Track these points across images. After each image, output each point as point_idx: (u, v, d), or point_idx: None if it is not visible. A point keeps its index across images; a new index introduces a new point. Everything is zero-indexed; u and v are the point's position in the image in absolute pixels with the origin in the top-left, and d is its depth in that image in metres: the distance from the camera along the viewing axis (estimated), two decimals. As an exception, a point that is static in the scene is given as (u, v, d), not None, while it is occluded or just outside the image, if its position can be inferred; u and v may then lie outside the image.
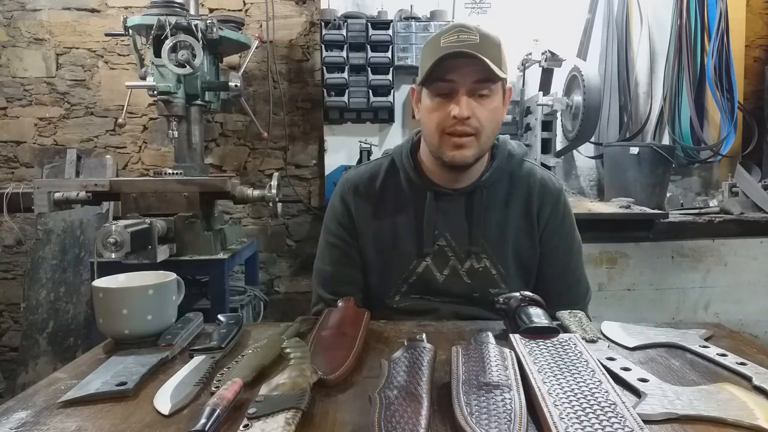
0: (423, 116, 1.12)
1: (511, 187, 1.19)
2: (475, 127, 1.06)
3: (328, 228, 1.24)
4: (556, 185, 1.22)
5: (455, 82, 1.04)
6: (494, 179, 1.17)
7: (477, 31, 1.04)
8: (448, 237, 1.16)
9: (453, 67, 1.03)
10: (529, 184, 1.20)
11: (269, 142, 2.79)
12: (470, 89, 1.05)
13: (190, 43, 2.07)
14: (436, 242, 1.16)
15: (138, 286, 0.94)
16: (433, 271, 1.16)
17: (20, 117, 2.81)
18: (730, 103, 2.58)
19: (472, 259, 1.16)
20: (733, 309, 2.22)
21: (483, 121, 1.07)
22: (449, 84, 1.05)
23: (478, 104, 1.06)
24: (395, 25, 2.41)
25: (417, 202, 1.17)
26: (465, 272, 1.16)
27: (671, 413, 0.62)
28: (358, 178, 1.24)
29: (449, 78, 1.04)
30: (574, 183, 2.80)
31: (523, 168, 1.22)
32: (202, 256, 1.91)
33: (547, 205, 1.19)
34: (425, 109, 1.10)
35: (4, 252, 2.86)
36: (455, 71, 1.04)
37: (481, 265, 1.16)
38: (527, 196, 1.19)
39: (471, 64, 1.02)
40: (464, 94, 1.04)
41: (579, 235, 1.25)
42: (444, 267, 1.16)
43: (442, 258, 1.16)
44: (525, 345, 0.78)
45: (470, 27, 1.05)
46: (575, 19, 2.71)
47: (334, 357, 0.79)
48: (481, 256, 1.16)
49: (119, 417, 0.66)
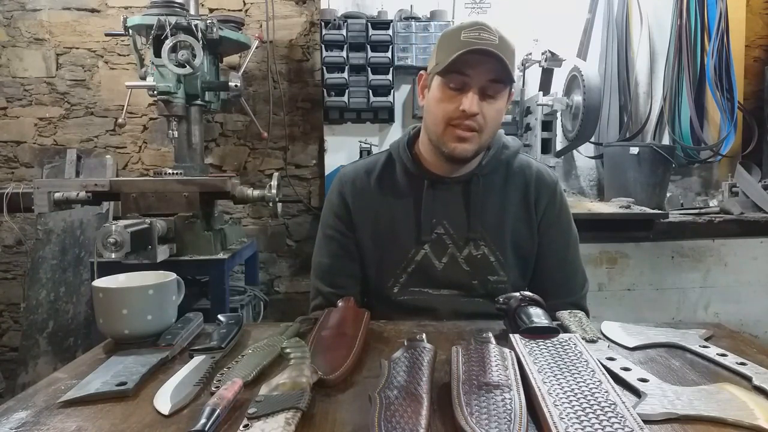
0: (430, 105, 1.12)
1: (507, 177, 1.21)
2: (480, 124, 1.08)
3: (326, 221, 1.25)
4: (552, 177, 1.24)
5: (470, 77, 1.06)
6: (490, 168, 1.19)
7: (497, 32, 1.06)
8: (446, 225, 1.17)
9: (471, 62, 1.04)
10: (526, 175, 1.21)
11: (269, 142, 2.79)
12: (483, 87, 1.06)
13: (190, 43, 2.07)
14: (434, 230, 1.17)
15: (138, 286, 0.94)
16: (432, 259, 1.17)
17: (20, 117, 2.81)
18: (730, 103, 2.58)
19: (470, 246, 1.17)
20: (733, 309, 2.22)
21: (488, 120, 1.09)
22: (464, 78, 1.06)
23: (486, 103, 1.08)
24: (395, 25, 2.41)
25: (414, 192, 1.18)
26: (463, 260, 1.17)
27: (671, 413, 0.62)
28: (354, 171, 1.25)
29: (466, 72, 1.05)
30: (574, 183, 2.80)
31: (519, 160, 1.24)
32: (202, 256, 1.91)
33: (544, 196, 1.21)
34: (434, 99, 1.11)
35: (4, 252, 2.86)
36: (472, 67, 1.05)
37: (479, 253, 1.17)
38: (524, 187, 1.20)
39: (488, 62, 1.04)
40: (476, 90, 1.06)
41: (575, 227, 1.26)
42: (443, 255, 1.17)
43: (441, 246, 1.17)
44: (525, 345, 0.78)
45: (491, 27, 1.06)
46: (575, 19, 2.71)
47: (334, 357, 0.79)
48: (480, 243, 1.17)
49: (119, 417, 0.66)
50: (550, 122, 2.30)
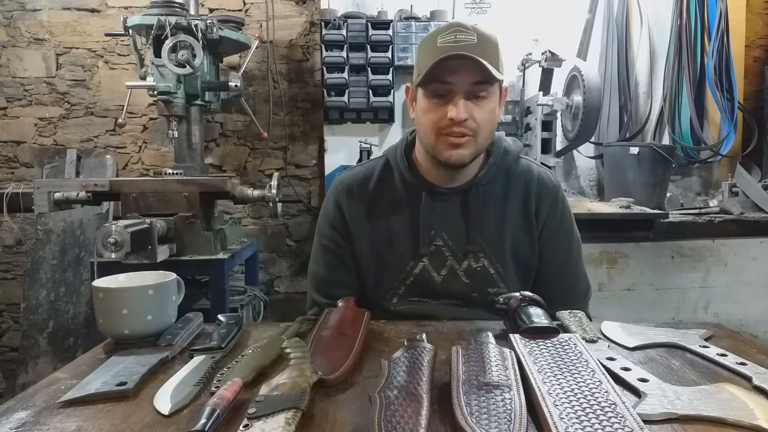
0: (419, 116, 1.10)
1: (507, 185, 1.18)
2: (472, 128, 1.05)
3: (322, 231, 1.23)
4: (553, 182, 1.21)
5: (453, 84, 1.02)
6: (490, 177, 1.16)
7: (474, 30, 1.02)
8: (445, 237, 1.15)
9: (450, 68, 1.01)
10: (527, 182, 1.18)
11: (269, 142, 2.79)
12: (468, 91, 1.03)
13: (190, 43, 2.07)
14: (433, 242, 1.15)
15: (138, 286, 0.94)
16: (431, 272, 1.15)
17: (20, 117, 2.81)
18: (730, 103, 2.58)
19: (469, 258, 1.15)
20: (733, 309, 2.22)
21: (480, 122, 1.05)
22: (447, 86, 1.03)
23: (476, 106, 1.04)
24: (395, 25, 2.41)
25: (412, 203, 1.16)
26: (463, 272, 1.15)
27: (671, 413, 0.62)
28: (351, 180, 1.22)
29: (447, 80, 1.02)
30: (574, 183, 2.80)
31: (520, 165, 1.20)
32: (202, 256, 1.91)
33: (545, 202, 1.18)
34: (421, 110, 1.08)
35: (4, 252, 2.86)
36: (453, 73, 1.02)
37: (479, 265, 1.15)
38: (525, 194, 1.17)
39: (469, 66, 1.00)
40: (462, 96, 1.03)
41: (578, 233, 1.24)
42: (441, 267, 1.15)
43: (440, 258, 1.15)
44: (525, 345, 0.78)
45: (468, 26, 1.03)
46: (575, 19, 2.71)
47: (334, 357, 0.79)
48: (479, 255, 1.14)
49: (119, 417, 0.66)
50: (550, 122, 2.30)
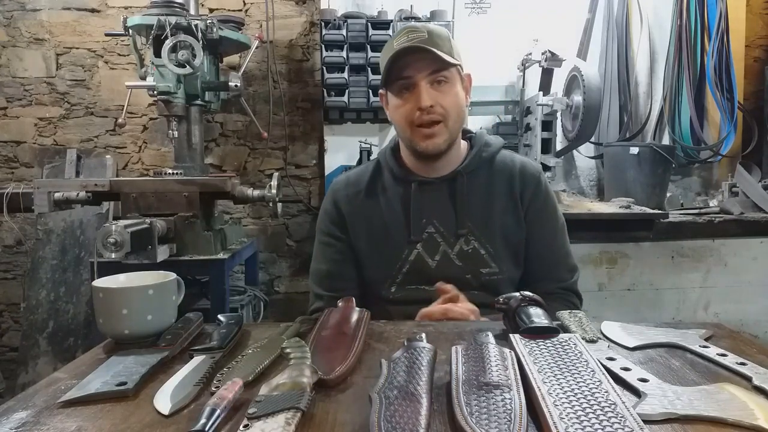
0: (392, 114, 1.21)
1: (491, 172, 1.26)
2: (440, 113, 1.14)
3: (321, 229, 1.31)
4: (535, 168, 1.29)
5: (412, 76, 1.13)
6: (474, 166, 1.24)
7: (425, 28, 1.14)
8: (436, 224, 1.22)
9: (408, 64, 1.13)
10: (510, 168, 1.27)
11: (269, 142, 2.79)
12: (428, 80, 1.13)
13: (190, 43, 2.07)
14: (425, 230, 1.22)
15: (138, 286, 0.94)
16: (425, 258, 1.21)
17: (20, 117, 2.81)
18: (730, 103, 2.58)
19: (461, 242, 1.21)
20: (733, 309, 2.22)
21: (447, 107, 1.15)
22: (407, 80, 1.14)
23: (439, 92, 1.14)
24: (395, 25, 2.41)
25: (403, 194, 1.25)
26: (456, 255, 1.21)
27: (671, 413, 0.62)
28: (346, 180, 1.32)
29: (406, 74, 1.14)
30: (574, 183, 2.80)
31: (502, 154, 1.29)
32: (202, 256, 1.91)
33: (528, 187, 1.25)
34: (392, 108, 1.20)
35: (4, 252, 2.86)
36: (410, 67, 1.13)
37: (470, 247, 1.21)
38: (509, 179, 1.26)
39: (423, 58, 1.11)
40: (423, 85, 1.13)
41: (562, 215, 1.32)
42: (435, 253, 1.22)
43: (433, 244, 1.22)
44: (525, 345, 0.78)
45: (418, 26, 1.15)
46: (575, 19, 2.71)
47: (334, 357, 0.79)
48: (469, 238, 1.21)
49: (119, 417, 0.66)
50: (550, 122, 2.30)
